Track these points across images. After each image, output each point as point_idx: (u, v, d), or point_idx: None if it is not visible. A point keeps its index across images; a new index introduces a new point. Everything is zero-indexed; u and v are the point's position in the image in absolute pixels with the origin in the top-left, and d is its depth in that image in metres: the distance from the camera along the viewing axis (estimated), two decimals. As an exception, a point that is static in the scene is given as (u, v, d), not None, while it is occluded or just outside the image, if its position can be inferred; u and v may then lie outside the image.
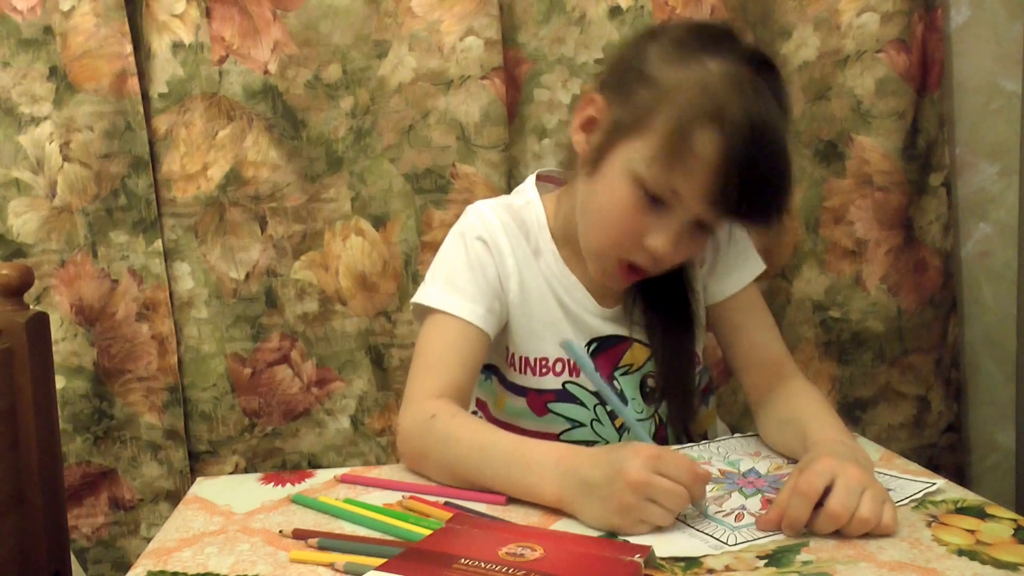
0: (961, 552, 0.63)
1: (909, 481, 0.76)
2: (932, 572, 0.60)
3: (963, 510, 0.71)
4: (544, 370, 0.93)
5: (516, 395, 0.95)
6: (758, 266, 0.99)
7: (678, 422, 0.95)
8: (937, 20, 1.36)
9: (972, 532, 0.67)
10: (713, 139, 0.77)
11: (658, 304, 0.95)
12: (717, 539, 0.66)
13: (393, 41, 1.28)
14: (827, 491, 0.67)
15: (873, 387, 1.41)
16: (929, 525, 0.68)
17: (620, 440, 0.94)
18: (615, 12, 1.29)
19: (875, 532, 0.66)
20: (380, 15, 1.28)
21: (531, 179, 1.00)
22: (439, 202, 1.31)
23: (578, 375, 0.93)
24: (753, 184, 0.78)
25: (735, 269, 0.97)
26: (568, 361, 0.93)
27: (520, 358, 0.94)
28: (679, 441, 0.96)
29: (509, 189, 1.30)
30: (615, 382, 0.95)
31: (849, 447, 0.75)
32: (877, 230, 1.37)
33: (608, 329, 0.95)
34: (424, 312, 0.92)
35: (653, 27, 0.91)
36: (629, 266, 0.87)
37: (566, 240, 0.94)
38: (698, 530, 0.68)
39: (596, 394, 0.94)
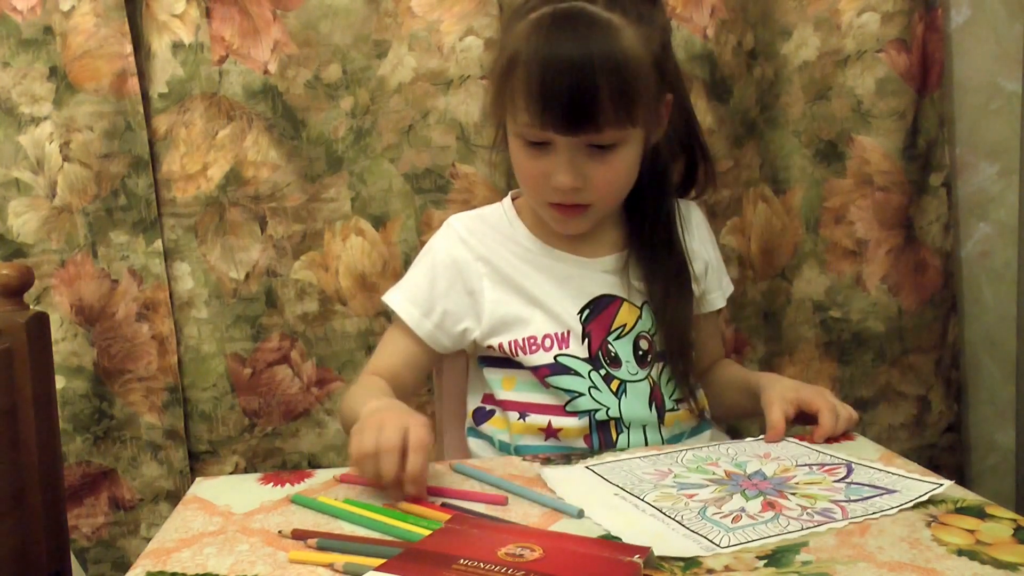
0: (961, 552, 0.63)
1: (916, 482, 0.76)
2: (932, 572, 0.60)
3: (963, 510, 0.71)
4: (534, 347, 0.97)
5: (521, 370, 0.98)
6: (728, 290, 1.10)
7: (682, 379, 0.99)
8: (937, 20, 1.36)
9: (972, 532, 0.67)
10: (522, 75, 0.87)
11: (655, 260, 1.01)
12: (710, 540, 0.66)
13: (393, 41, 1.28)
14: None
15: (873, 387, 1.41)
16: (929, 525, 0.68)
17: (619, 403, 0.96)
18: (615, 12, 1.29)
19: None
20: (380, 15, 1.28)
21: (508, 195, 1.08)
22: (439, 202, 1.31)
23: (567, 346, 0.96)
24: (564, 97, 0.85)
25: (712, 291, 1.07)
26: (556, 335, 0.97)
27: (510, 342, 0.97)
28: (682, 400, 0.99)
29: (509, 189, 1.29)
30: (609, 346, 0.97)
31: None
32: (877, 230, 1.37)
33: (601, 287, 0.99)
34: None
35: None
36: (559, 206, 0.94)
37: (538, 223, 1.01)
38: (692, 531, 0.68)
39: (588, 360, 0.97)
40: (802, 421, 0.91)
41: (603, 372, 0.96)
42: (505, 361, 0.98)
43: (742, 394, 1.01)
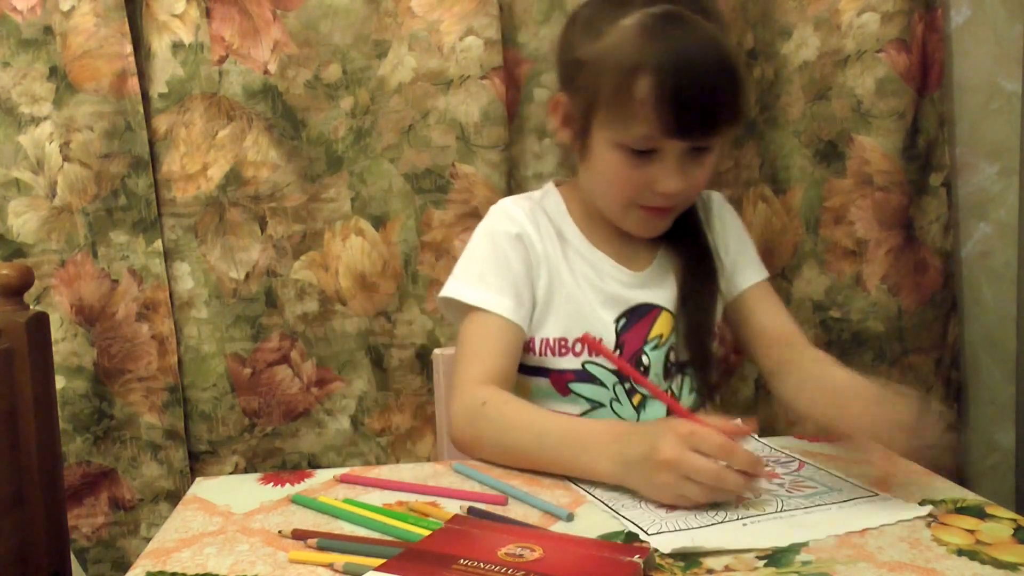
0: (961, 552, 0.63)
1: (857, 487, 0.76)
2: (932, 572, 0.60)
3: (963, 510, 0.71)
4: (564, 350, 0.96)
5: (539, 376, 0.98)
6: (765, 272, 1.05)
7: (704, 388, 0.98)
8: (937, 20, 1.36)
9: (972, 532, 0.67)
10: (645, 81, 0.84)
11: (682, 258, 0.99)
12: (639, 527, 0.68)
13: (393, 41, 1.28)
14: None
15: (873, 387, 1.41)
16: (929, 525, 0.68)
17: (639, 417, 0.96)
18: (615, 12, 1.29)
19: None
20: (380, 15, 1.28)
21: (549, 182, 1.06)
22: (439, 202, 1.31)
23: (597, 354, 0.96)
24: (695, 100, 0.84)
25: (749, 265, 1.03)
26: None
27: (541, 340, 0.96)
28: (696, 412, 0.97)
29: (509, 189, 1.30)
30: (644, 356, 0.96)
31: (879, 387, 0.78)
32: (877, 230, 1.37)
33: (639, 297, 0.97)
34: (457, 308, 0.96)
35: (569, 16, 0.99)
36: (653, 208, 0.93)
37: (586, 222, 0.99)
38: (624, 517, 0.70)
39: (616, 373, 0.96)
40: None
41: (627, 385, 0.96)
42: (521, 367, 0.97)
43: (826, 396, 0.83)
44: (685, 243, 0.99)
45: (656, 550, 0.64)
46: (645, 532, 0.67)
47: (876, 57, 1.33)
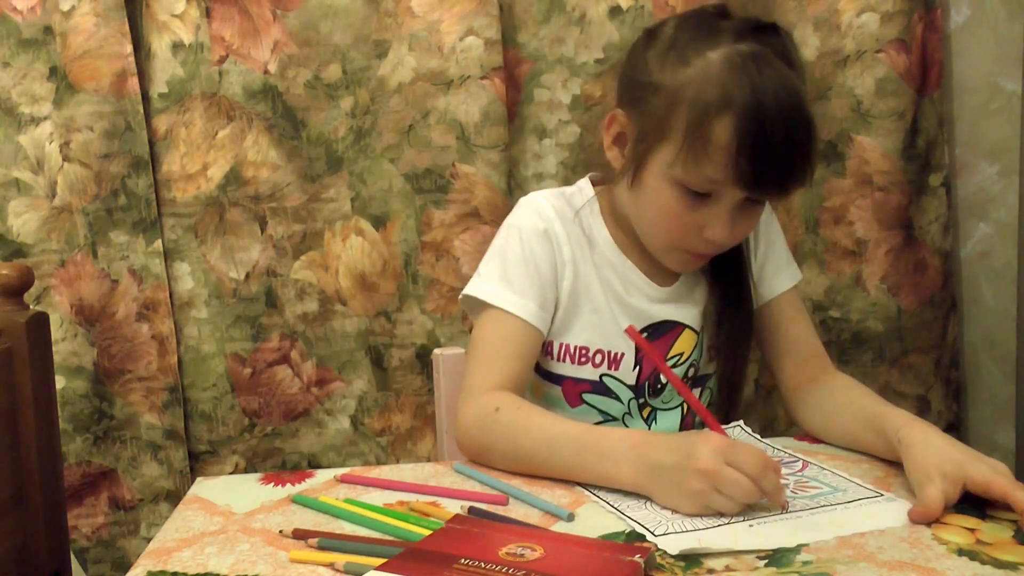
0: (961, 552, 0.63)
1: (861, 487, 0.76)
2: (932, 572, 0.60)
3: (963, 510, 0.71)
4: (583, 359, 0.94)
5: (551, 383, 0.96)
6: (798, 274, 1.02)
7: (725, 405, 0.96)
8: (937, 20, 1.36)
9: (972, 532, 0.67)
10: (728, 124, 0.79)
11: (720, 277, 0.96)
12: (646, 528, 0.68)
13: (393, 41, 1.28)
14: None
15: (873, 387, 1.38)
16: (929, 525, 0.68)
17: (648, 430, 0.95)
18: (615, 12, 1.29)
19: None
20: (380, 15, 1.28)
21: (584, 178, 1.01)
22: (439, 202, 1.31)
23: (616, 368, 0.94)
24: (778, 154, 0.80)
25: (781, 270, 1.00)
26: (608, 353, 0.94)
27: (561, 345, 0.94)
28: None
29: (509, 189, 1.30)
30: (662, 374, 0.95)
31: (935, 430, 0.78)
32: (877, 230, 1.37)
33: (662, 313, 0.95)
34: (476, 305, 0.93)
35: (646, 31, 0.92)
36: (696, 254, 0.90)
37: (617, 227, 0.96)
38: (629, 518, 0.70)
39: (633, 387, 0.94)
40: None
41: (642, 401, 0.95)
42: (539, 369, 0.96)
43: (868, 430, 0.84)
44: (719, 259, 0.94)
45: (663, 551, 0.64)
46: (652, 533, 0.67)
47: (876, 57, 1.33)
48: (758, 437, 0.88)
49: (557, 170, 1.32)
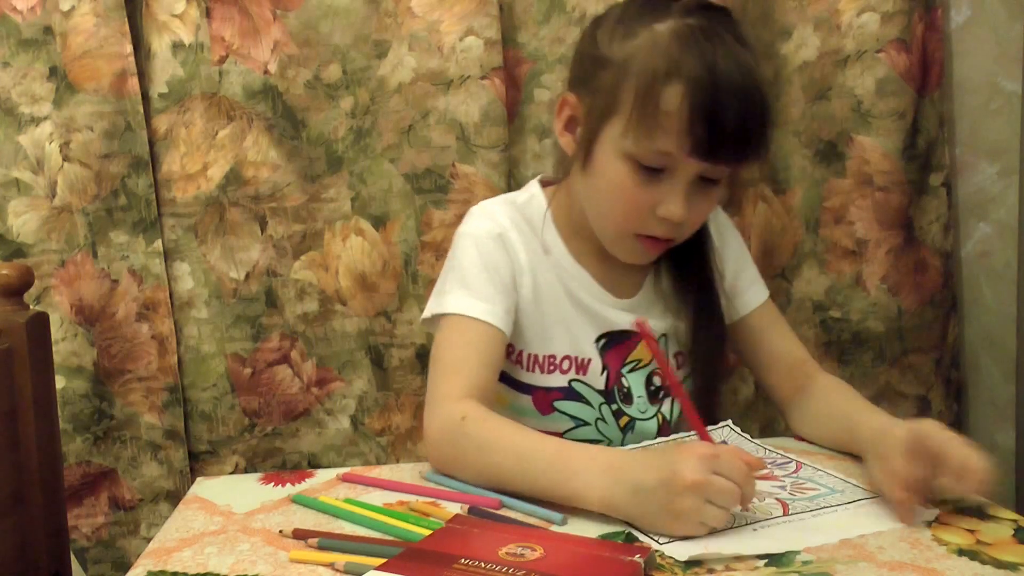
0: (961, 552, 0.63)
1: (857, 488, 0.76)
2: (932, 572, 0.60)
3: (963, 510, 0.71)
4: (551, 368, 0.93)
5: (521, 392, 0.95)
6: (766, 290, 1.01)
7: (703, 411, 0.95)
8: (937, 20, 1.36)
9: (972, 532, 0.67)
10: (678, 92, 0.79)
11: (687, 289, 0.95)
12: (650, 537, 0.68)
13: (393, 41, 1.28)
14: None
15: (873, 387, 1.41)
16: (929, 525, 0.68)
17: (624, 438, 0.94)
18: (615, 12, 1.29)
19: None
20: (380, 15, 1.28)
21: (533, 180, 1.01)
22: (439, 202, 1.31)
23: (585, 373, 0.93)
24: (729, 123, 0.79)
25: (754, 283, 1.00)
26: (576, 359, 0.93)
27: (528, 355, 0.93)
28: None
29: (509, 189, 1.30)
30: (623, 379, 0.94)
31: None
32: (877, 230, 1.37)
33: (623, 321, 0.94)
34: (439, 317, 0.91)
35: (597, 15, 0.93)
36: (650, 238, 0.87)
37: (572, 234, 0.94)
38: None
39: (602, 392, 0.93)
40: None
41: (615, 407, 0.94)
42: (507, 380, 0.95)
43: (845, 433, 0.85)
44: (687, 270, 0.94)
45: (672, 558, 0.64)
46: (657, 540, 0.67)
47: (876, 57, 1.33)
48: (748, 437, 0.88)
49: (557, 170, 1.32)
